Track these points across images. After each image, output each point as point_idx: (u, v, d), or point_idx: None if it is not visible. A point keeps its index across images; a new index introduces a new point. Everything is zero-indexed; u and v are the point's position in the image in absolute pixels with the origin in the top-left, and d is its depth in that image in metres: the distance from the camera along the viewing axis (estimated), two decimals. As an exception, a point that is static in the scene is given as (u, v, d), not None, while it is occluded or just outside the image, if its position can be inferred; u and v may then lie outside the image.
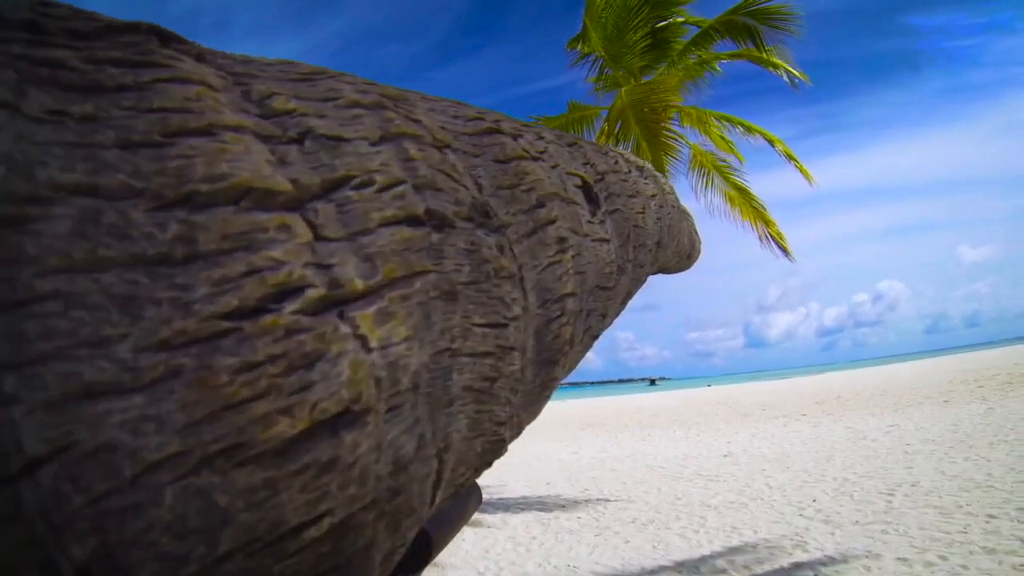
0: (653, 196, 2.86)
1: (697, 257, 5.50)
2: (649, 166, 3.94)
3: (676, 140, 8.04)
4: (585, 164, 1.81)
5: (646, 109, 7.27)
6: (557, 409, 26.62)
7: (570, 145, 1.84)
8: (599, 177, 1.89)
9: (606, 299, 1.72)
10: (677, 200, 4.53)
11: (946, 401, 15.17)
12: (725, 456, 11.20)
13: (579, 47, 8.86)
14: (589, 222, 1.56)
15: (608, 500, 8.41)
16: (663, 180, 3.79)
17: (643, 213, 2.37)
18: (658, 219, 2.90)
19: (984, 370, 21.18)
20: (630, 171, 2.53)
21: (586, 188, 1.65)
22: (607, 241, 1.69)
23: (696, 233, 5.53)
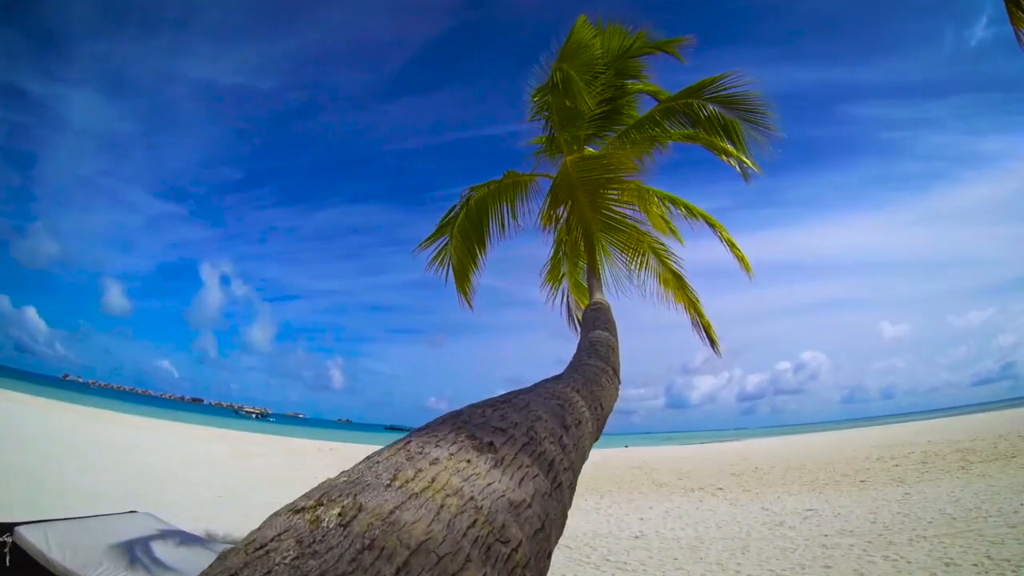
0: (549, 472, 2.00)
1: (619, 385, 4.50)
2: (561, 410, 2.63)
3: (627, 226, 6.98)
4: None
5: (598, 189, 6.32)
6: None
7: None
8: None
9: None
10: (596, 395, 3.43)
11: (863, 481, 14.87)
12: (636, 538, 10.27)
13: (544, 98, 7.16)
14: None
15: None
16: (573, 413, 2.61)
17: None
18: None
19: (899, 447, 21.37)
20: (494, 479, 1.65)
21: None
22: None
23: (616, 373, 4.47)
